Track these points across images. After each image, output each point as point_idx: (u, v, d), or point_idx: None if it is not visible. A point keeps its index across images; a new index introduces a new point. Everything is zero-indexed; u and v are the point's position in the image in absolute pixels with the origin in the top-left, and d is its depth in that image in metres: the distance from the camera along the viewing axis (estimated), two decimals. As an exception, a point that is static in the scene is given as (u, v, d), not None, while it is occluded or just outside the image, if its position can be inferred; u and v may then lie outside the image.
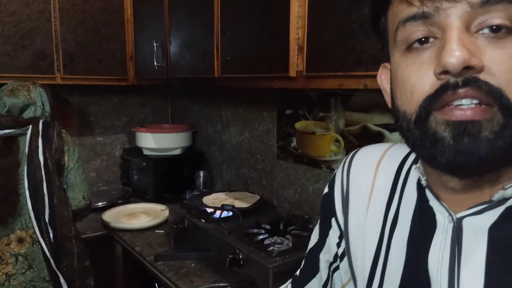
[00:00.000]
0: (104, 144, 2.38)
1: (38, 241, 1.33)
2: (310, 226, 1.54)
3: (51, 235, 1.34)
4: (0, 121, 1.33)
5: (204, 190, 2.01)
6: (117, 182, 2.41)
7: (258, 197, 1.71)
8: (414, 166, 0.52)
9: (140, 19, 2.00)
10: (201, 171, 2.15)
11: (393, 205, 0.52)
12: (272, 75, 1.24)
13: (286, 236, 1.33)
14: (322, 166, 1.56)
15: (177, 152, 2.19)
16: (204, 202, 1.63)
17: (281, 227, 1.44)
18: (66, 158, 1.45)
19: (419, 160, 0.50)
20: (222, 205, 1.50)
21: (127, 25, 2.05)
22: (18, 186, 1.32)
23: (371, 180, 0.56)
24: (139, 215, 1.87)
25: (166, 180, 2.12)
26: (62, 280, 1.35)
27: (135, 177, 2.28)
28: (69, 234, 1.38)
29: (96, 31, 1.97)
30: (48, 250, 1.33)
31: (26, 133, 1.37)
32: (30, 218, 1.33)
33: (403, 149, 0.56)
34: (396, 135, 1.30)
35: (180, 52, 1.72)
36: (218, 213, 1.47)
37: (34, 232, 1.33)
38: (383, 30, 0.48)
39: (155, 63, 1.83)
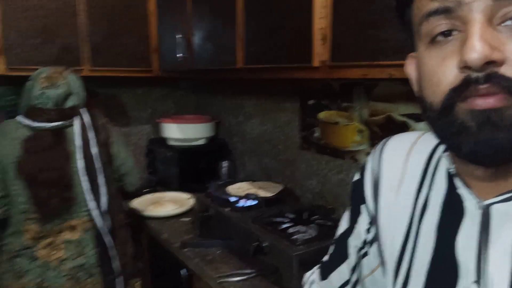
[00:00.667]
0: (130, 134, 2.43)
1: (90, 229, 1.40)
2: (334, 216, 1.55)
3: (108, 223, 1.42)
4: (48, 114, 1.37)
5: (227, 180, 2.04)
6: (143, 171, 2.46)
7: (282, 187, 1.73)
8: (444, 155, 0.53)
9: (163, 11, 2.03)
10: (224, 162, 2.18)
11: (423, 192, 0.54)
12: (295, 65, 1.24)
13: (310, 225, 1.34)
14: (345, 156, 1.56)
15: (201, 142, 2.22)
16: (228, 191, 1.66)
17: (305, 216, 1.46)
18: (115, 147, 1.52)
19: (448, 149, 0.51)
20: (246, 194, 1.52)
21: (150, 18, 2.08)
22: (71, 179, 1.38)
23: (402, 167, 0.57)
24: (165, 204, 1.92)
25: (190, 169, 2.16)
26: (116, 264, 1.44)
27: (160, 166, 2.33)
28: (123, 222, 1.49)
29: (120, 24, 2.01)
30: (105, 237, 1.41)
31: (72, 125, 1.41)
32: (82, 208, 1.40)
33: (435, 138, 0.57)
34: (421, 125, 1.29)
35: (203, 44, 1.74)
36: (242, 202, 1.50)
37: (88, 220, 1.40)
38: (408, 22, 0.49)
39: (178, 55, 1.85)
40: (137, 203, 1.94)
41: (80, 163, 1.39)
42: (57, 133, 1.39)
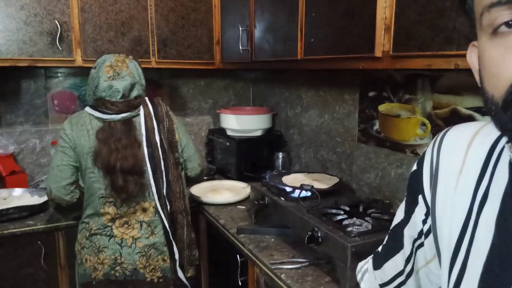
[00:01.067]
0: (192, 124, 2.54)
1: (159, 212, 1.51)
2: (391, 210, 1.51)
3: (168, 207, 1.52)
4: (117, 107, 1.47)
5: (283, 171, 2.06)
6: (203, 160, 2.56)
7: (337, 179, 1.72)
8: (506, 146, 0.51)
9: (226, 4, 2.08)
10: (280, 153, 2.20)
11: (484, 182, 0.52)
12: (357, 55, 1.23)
13: (366, 219, 1.33)
14: (406, 150, 1.52)
15: (258, 133, 2.27)
16: (284, 181, 1.68)
17: (361, 209, 1.44)
18: (177, 135, 1.58)
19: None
20: (301, 184, 1.53)
21: (214, 11, 2.15)
22: (143, 166, 1.48)
23: (462, 157, 0.56)
24: (222, 191, 1.98)
25: (247, 159, 2.21)
26: (175, 249, 1.53)
27: (219, 156, 2.41)
28: (181, 208, 1.55)
29: (186, 18, 2.09)
30: (166, 220, 1.51)
31: (139, 114, 1.51)
32: (152, 192, 1.50)
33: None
34: (488, 119, 1.22)
35: (264, 35, 1.77)
36: (297, 192, 1.51)
37: (156, 204, 1.50)
38: (469, 12, 0.47)
39: (240, 47, 1.90)
40: (196, 190, 2.02)
41: (146, 151, 1.48)
42: (126, 123, 1.48)
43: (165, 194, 1.51)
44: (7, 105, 2.13)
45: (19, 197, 1.88)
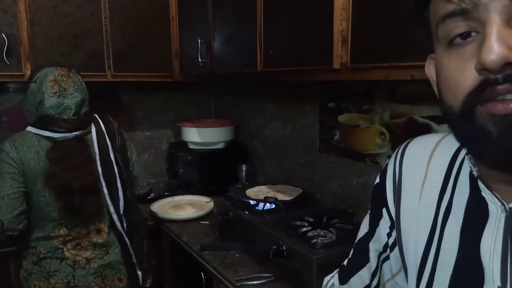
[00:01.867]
0: (152, 138, 2.47)
1: (114, 230, 1.46)
2: (354, 220, 1.52)
3: (125, 224, 1.47)
4: (70, 124, 1.38)
5: (247, 183, 2.04)
6: (163, 175, 2.50)
7: (301, 190, 1.72)
8: (466, 157, 0.52)
9: (185, 16, 2.06)
10: (244, 165, 2.18)
11: (447, 195, 0.52)
12: (316, 67, 1.24)
13: (330, 229, 1.33)
14: (367, 159, 1.54)
15: (221, 146, 2.24)
16: (247, 195, 1.66)
17: (325, 220, 1.44)
18: (129, 153, 1.56)
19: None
20: (265, 197, 1.52)
21: (172, 23, 2.12)
22: (98, 184, 1.42)
23: (424, 170, 0.56)
24: (185, 207, 1.93)
25: (210, 173, 2.17)
26: (134, 261, 1.50)
27: (181, 170, 2.35)
28: (137, 223, 1.52)
29: (143, 30, 2.04)
30: (125, 237, 1.47)
31: (91, 132, 1.45)
32: (107, 211, 1.45)
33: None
34: (444, 127, 1.26)
35: (223, 47, 1.75)
36: (261, 205, 1.50)
37: (111, 222, 1.45)
38: (426, 24, 0.48)
39: (200, 59, 1.87)
40: (157, 206, 1.96)
41: (100, 169, 1.42)
42: (80, 141, 1.41)
43: (122, 212, 1.46)
44: (-51, 123, 1.99)
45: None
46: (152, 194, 1.94)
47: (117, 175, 1.46)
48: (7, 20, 1.73)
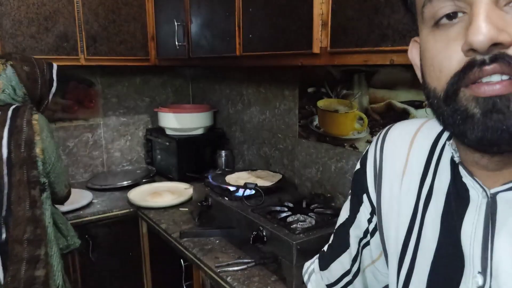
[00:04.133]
0: (128, 124, 2.41)
1: None
2: (333, 204, 1.54)
3: (3, 235, 1.24)
4: None
5: (226, 169, 2.03)
6: (141, 161, 2.45)
7: (280, 176, 1.72)
8: (448, 143, 0.51)
9: (160, -2, 2.00)
10: (223, 151, 2.17)
11: (427, 181, 0.52)
12: (295, 52, 1.22)
13: (309, 214, 1.34)
14: (345, 144, 1.55)
15: (199, 132, 2.21)
16: (227, 181, 1.65)
17: (304, 205, 1.45)
18: (38, 150, 1.29)
19: (452, 137, 0.49)
20: (245, 183, 1.51)
21: (147, 5, 2.05)
22: None
23: (405, 156, 0.56)
24: (164, 194, 1.91)
25: (188, 159, 2.15)
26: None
27: (158, 156, 2.32)
28: (20, 237, 1.23)
29: (117, 12, 1.97)
30: None
31: None
32: None
33: (438, 125, 0.55)
34: (421, 112, 1.28)
35: (201, 31, 1.71)
36: (241, 191, 1.49)
37: None
38: (410, 6, 0.47)
39: (176, 43, 1.83)
40: (135, 193, 1.93)
41: None
42: None
43: (2, 219, 1.23)
44: None
45: None
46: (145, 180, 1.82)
47: (4, 172, 1.24)
48: (-30, 0, 1.63)
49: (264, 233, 1.24)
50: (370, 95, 1.43)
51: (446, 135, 0.53)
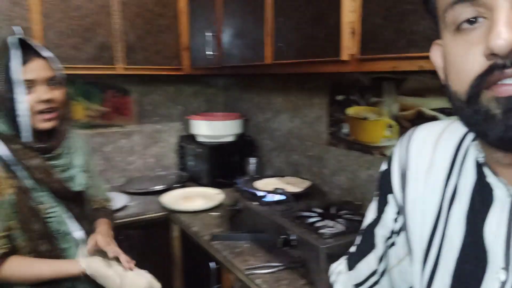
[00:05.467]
0: (161, 131, 2.50)
1: None
2: (362, 212, 1.53)
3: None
4: None
5: (255, 176, 2.06)
6: (173, 167, 2.52)
7: (309, 183, 1.73)
8: (472, 143, 0.53)
9: (194, 10, 2.07)
10: (252, 158, 2.20)
11: (452, 181, 0.53)
12: (324, 59, 1.24)
13: (338, 220, 1.34)
14: (375, 152, 1.55)
15: (229, 139, 2.25)
16: (256, 187, 1.68)
17: (332, 211, 1.45)
18: None
19: (477, 138, 0.50)
20: (274, 188, 1.53)
21: (181, 17, 2.13)
22: None
23: (430, 155, 0.57)
24: (195, 198, 1.96)
25: (218, 165, 2.20)
26: None
27: (190, 162, 2.38)
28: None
29: (152, 23, 2.06)
30: None
31: None
32: None
33: (463, 127, 0.56)
34: (453, 120, 1.26)
35: (232, 41, 1.77)
36: (270, 196, 1.51)
37: None
38: (433, 10, 0.49)
39: (208, 53, 1.89)
40: (168, 198, 1.99)
41: None
42: None
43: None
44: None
45: None
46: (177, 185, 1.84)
47: None
48: (19, 13, 1.75)
49: (292, 238, 1.26)
50: (400, 103, 1.43)
51: (471, 136, 0.54)
